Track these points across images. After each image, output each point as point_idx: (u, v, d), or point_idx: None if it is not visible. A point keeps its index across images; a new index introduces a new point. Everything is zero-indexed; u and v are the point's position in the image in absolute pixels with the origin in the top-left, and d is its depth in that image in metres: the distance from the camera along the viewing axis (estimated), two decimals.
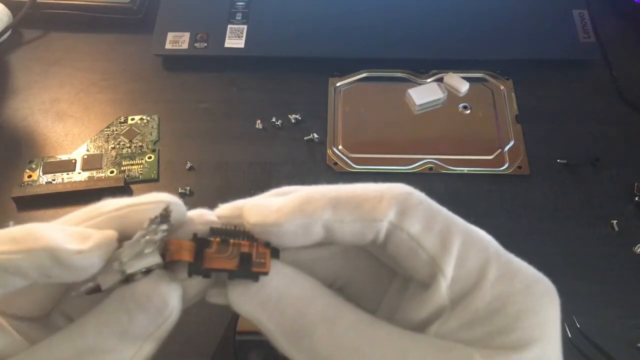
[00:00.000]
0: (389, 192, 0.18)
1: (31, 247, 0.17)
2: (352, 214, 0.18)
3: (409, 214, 0.18)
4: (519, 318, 0.17)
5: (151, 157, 0.52)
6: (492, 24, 0.60)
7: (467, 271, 0.17)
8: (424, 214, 0.18)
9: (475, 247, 0.18)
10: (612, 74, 0.58)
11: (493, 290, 0.17)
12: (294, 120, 0.55)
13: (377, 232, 0.18)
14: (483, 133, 0.54)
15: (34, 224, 0.18)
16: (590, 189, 0.50)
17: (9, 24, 0.60)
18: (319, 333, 0.17)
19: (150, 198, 0.19)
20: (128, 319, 0.18)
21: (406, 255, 0.18)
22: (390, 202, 0.18)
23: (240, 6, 0.61)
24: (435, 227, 0.18)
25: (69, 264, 0.17)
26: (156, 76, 0.59)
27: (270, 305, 0.18)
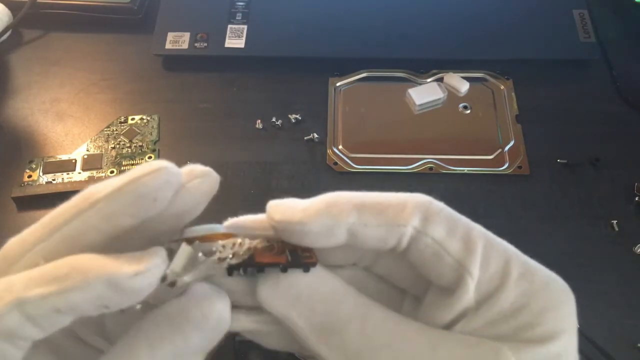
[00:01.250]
0: (411, 199, 0.19)
1: (82, 280, 0.16)
2: (376, 219, 0.18)
3: (432, 219, 0.18)
4: (542, 314, 0.18)
5: (151, 157, 0.52)
6: (492, 24, 0.60)
7: (491, 273, 0.18)
8: (446, 220, 0.18)
9: (496, 250, 0.18)
10: (612, 74, 0.58)
11: (517, 288, 0.18)
12: (294, 120, 0.55)
13: (400, 238, 0.18)
14: (483, 133, 0.54)
15: (69, 258, 0.17)
16: (590, 189, 0.50)
17: (9, 24, 0.60)
18: (350, 329, 0.17)
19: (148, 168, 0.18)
20: (183, 340, 0.17)
21: (430, 260, 0.18)
22: (414, 209, 0.18)
23: (240, 6, 0.61)
24: (458, 232, 0.18)
25: (128, 289, 0.16)
26: (156, 76, 0.59)
27: (301, 302, 0.18)
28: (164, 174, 0.17)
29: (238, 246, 0.18)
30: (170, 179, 0.18)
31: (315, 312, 0.18)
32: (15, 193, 0.49)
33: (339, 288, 0.19)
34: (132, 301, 0.17)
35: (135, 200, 0.17)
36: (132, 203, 0.17)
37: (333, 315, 0.18)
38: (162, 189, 0.17)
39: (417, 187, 0.50)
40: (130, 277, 0.16)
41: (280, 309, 0.18)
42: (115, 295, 0.16)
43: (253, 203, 0.50)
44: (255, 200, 0.50)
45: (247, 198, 0.50)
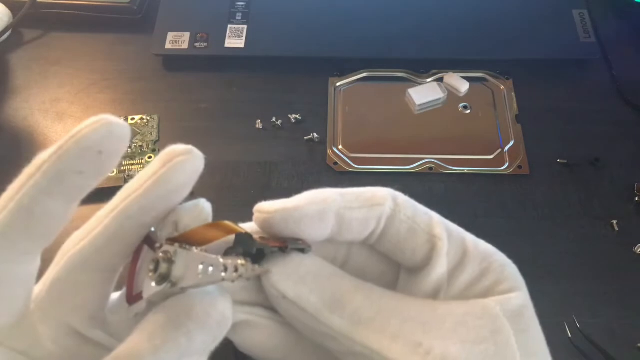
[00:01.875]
0: (379, 189, 0.21)
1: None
2: (358, 201, 0.21)
3: (401, 200, 0.21)
4: (503, 271, 0.21)
5: (151, 157, 0.52)
6: (492, 24, 0.60)
7: (455, 243, 0.21)
8: (409, 200, 0.22)
9: (452, 225, 0.22)
10: (612, 74, 0.58)
11: (479, 253, 0.21)
12: (294, 120, 0.55)
13: (379, 217, 0.21)
14: (483, 133, 0.54)
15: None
16: (590, 189, 0.50)
17: (9, 24, 0.60)
18: (359, 299, 0.19)
19: (87, 121, 0.18)
20: (187, 340, 0.18)
21: (406, 235, 0.21)
22: (385, 193, 0.21)
23: (240, 6, 0.61)
24: (421, 209, 0.22)
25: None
26: (156, 76, 0.59)
27: (310, 279, 0.19)
28: (104, 124, 0.17)
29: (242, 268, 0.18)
30: (114, 129, 0.18)
31: (325, 287, 0.19)
32: None
33: (337, 269, 0.21)
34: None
35: (79, 154, 0.17)
36: (76, 158, 0.17)
37: (341, 289, 0.19)
38: (105, 141, 0.17)
39: (417, 187, 0.50)
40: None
41: (293, 288, 0.19)
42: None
43: (253, 203, 0.50)
44: (255, 200, 0.50)
45: (247, 198, 0.50)
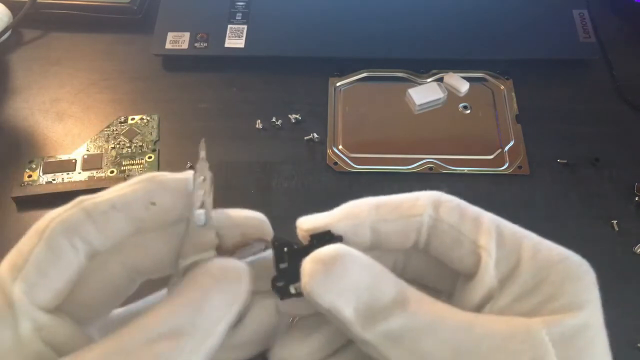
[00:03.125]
0: (422, 194, 0.20)
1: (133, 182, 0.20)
2: (393, 213, 0.20)
3: (444, 207, 0.20)
4: (562, 285, 0.18)
5: (151, 157, 0.52)
6: (492, 24, 0.60)
7: (507, 251, 0.19)
8: (457, 206, 0.20)
9: (508, 230, 0.20)
10: (612, 74, 0.58)
11: (535, 262, 0.19)
12: (294, 120, 0.55)
13: (419, 228, 0.20)
14: (483, 133, 0.54)
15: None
16: (590, 189, 0.50)
17: (9, 24, 0.60)
18: (395, 314, 0.18)
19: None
20: (203, 296, 0.18)
21: (450, 246, 0.20)
22: (426, 200, 0.20)
23: (240, 6, 0.61)
24: (469, 216, 0.20)
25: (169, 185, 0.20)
26: (156, 76, 0.58)
27: (348, 292, 0.18)
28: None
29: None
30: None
31: (361, 301, 0.18)
32: (15, 193, 0.49)
33: (379, 274, 0.19)
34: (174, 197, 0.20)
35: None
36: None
37: (378, 302, 0.18)
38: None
39: (417, 187, 0.50)
40: (170, 176, 0.20)
41: (328, 301, 0.18)
42: (159, 190, 0.20)
43: (253, 203, 0.50)
44: (255, 200, 0.50)
45: (247, 198, 0.50)
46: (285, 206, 0.49)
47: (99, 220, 0.19)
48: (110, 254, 0.20)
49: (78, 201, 0.20)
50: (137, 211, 0.20)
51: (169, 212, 0.20)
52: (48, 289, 0.18)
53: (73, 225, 0.19)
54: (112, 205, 0.19)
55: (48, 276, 0.18)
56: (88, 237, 0.19)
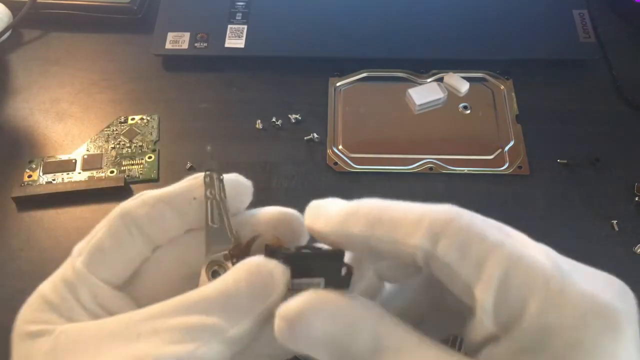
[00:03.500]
0: (429, 215, 0.18)
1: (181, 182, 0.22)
2: (388, 236, 0.18)
3: (444, 241, 0.17)
4: (565, 355, 0.16)
5: (151, 157, 0.52)
6: (492, 24, 0.60)
7: (510, 302, 0.16)
8: (460, 240, 0.17)
9: (520, 276, 0.16)
10: (612, 74, 0.58)
11: (538, 321, 0.16)
12: (294, 120, 0.55)
13: (412, 258, 0.18)
14: (483, 133, 0.54)
15: None
16: (590, 189, 0.50)
17: (9, 24, 0.60)
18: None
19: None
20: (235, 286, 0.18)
21: (447, 281, 0.18)
22: (426, 228, 0.17)
23: (240, 6, 0.61)
24: (472, 255, 0.17)
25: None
26: (156, 76, 0.58)
27: (316, 344, 0.18)
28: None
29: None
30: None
31: (333, 351, 0.18)
32: (15, 193, 0.49)
33: (353, 322, 0.18)
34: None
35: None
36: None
37: (351, 352, 0.17)
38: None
39: (417, 187, 0.50)
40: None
41: (302, 351, 0.18)
42: (201, 188, 0.21)
43: (253, 203, 0.50)
44: (255, 200, 0.50)
45: None
46: (285, 206, 0.49)
47: (150, 211, 0.21)
48: (167, 249, 0.22)
49: (140, 194, 0.21)
50: (182, 205, 0.21)
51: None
52: (106, 266, 0.20)
53: (129, 212, 0.21)
54: (160, 198, 0.21)
55: (106, 255, 0.21)
56: (142, 225, 0.21)
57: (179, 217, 0.21)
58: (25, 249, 0.48)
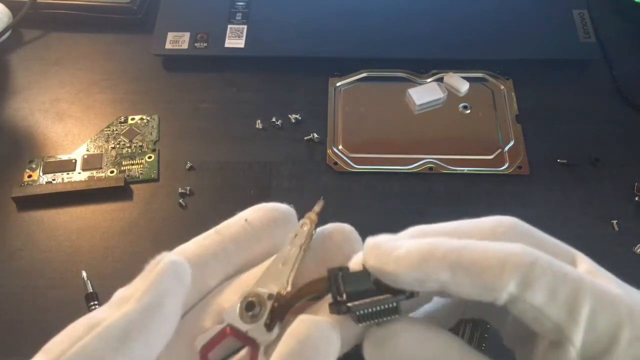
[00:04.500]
0: (511, 260, 0.17)
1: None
2: (471, 281, 0.18)
3: (532, 285, 0.17)
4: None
5: (151, 157, 0.52)
6: (492, 24, 0.60)
7: (597, 336, 0.17)
8: (547, 284, 0.17)
9: (606, 311, 0.17)
10: (612, 74, 0.58)
11: (626, 354, 0.17)
12: (294, 120, 0.55)
13: (495, 300, 0.18)
14: (483, 133, 0.54)
15: None
16: (590, 189, 0.50)
17: (9, 24, 0.60)
18: None
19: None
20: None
21: (530, 322, 0.18)
22: (511, 274, 0.17)
23: (240, 6, 0.61)
24: (560, 296, 0.17)
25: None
26: (156, 76, 0.58)
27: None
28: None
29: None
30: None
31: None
32: (15, 193, 0.49)
33: (442, 348, 0.18)
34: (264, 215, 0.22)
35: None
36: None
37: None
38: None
39: (417, 187, 0.50)
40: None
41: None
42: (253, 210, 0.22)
43: (253, 203, 0.50)
44: (255, 201, 0.50)
45: (247, 198, 0.50)
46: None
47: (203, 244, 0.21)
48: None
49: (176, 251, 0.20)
50: (234, 230, 0.21)
51: (258, 231, 0.21)
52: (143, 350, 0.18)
53: (181, 252, 0.20)
54: (214, 231, 0.21)
55: (137, 341, 0.18)
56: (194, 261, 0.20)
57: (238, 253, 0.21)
58: (25, 249, 0.48)
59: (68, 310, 0.44)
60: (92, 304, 0.44)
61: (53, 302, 0.45)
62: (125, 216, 0.49)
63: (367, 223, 0.24)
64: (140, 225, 0.49)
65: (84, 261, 0.47)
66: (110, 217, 0.49)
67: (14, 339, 0.43)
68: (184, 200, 0.50)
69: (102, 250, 0.47)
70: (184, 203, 0.49)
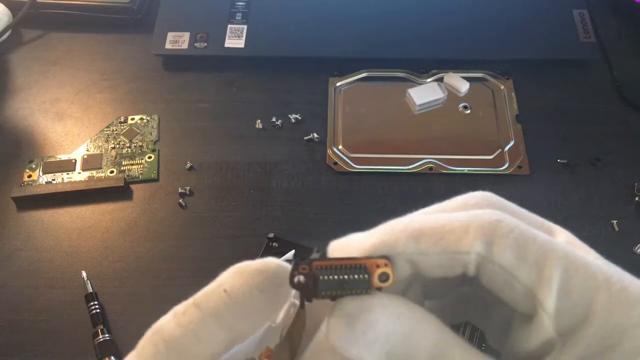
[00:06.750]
0: (475, 221, 0.17)
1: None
2: (436, 247, 0.17)
3: (499, 244, 0.16)
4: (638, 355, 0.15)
5: (151, 157, 0.52)
6: (492, 24, 0.60)
7: (573, 303, 0.16)
8: (515, 242, 0.16)
9: (580, 276, 0.16)
10: (612, 74, 0.58)
11: (606, 323, 0.15)
12: (294, 120, 0.55)
13: (465, 265, 0.17)
14: (483, 133, 0.54)
15: None
16: (590, 189, 0.50)
17: (9, 24, 0.60)
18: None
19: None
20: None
21: (502, 288, 0.17)
22: (477, 233, 0.16)
23: (240, 6, 0.61)
24: (529, 256, 0.16)
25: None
26: (156, 76, 0.59)
27: (376, 347, 0.16)
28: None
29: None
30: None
31: (391, 356, 0.16)
32: (15, 193, 0.49)
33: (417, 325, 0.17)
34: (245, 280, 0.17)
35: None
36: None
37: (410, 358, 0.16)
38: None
39: (417, 187, 0.50)
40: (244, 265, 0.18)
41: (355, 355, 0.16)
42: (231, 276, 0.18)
43: (253, 203, 0.50)
44: (255, 200, 0.50)
45: (247, 198, 0.50)
46: (285, 206, 0.49)
47: (182, 321, 0.17)
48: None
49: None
50: (213, 302, 0.17)
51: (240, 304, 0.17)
52: None
53: (159, 330, 0.17)
54: (193, 302, 0.17)
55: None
56: (174, 341, 0.17)
57: (220, 329, 0.17)
58: (25, 249, 0.48)
59: (68, 310, 0.44)
60: (92, 304, 0.44)
61: (53, 302, 0.45)
62: (125, 216, 0.49)
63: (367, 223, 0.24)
64: (140, 225, 0.49)
65: (84, 261, 0.47)
66: (110, 217, 0.49)
67: (14, 339, 0.43)
68: (184, 200, 0.50)
69: (102, 250, 0.47)
70: (184, 203, 0.49)
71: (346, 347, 0.16)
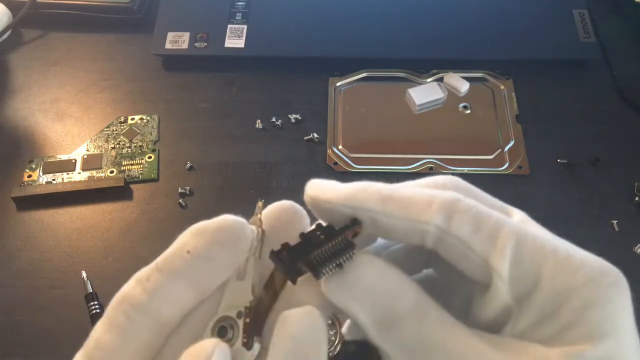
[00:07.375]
0: (439, 197, 0.19)
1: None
2: (400, 212, 0.18)
3: (457, 219, 0.18)
4: (583, 312, 0.17)
5: (151, 157, 0.52)
6: (492, 24, 0.60)
7: (525, 270, 0.17)
8: (472, 218, 0.18)
9: (530, 246, 0.18)
10: (612, 74, 0.58)
11: (554, 286, 0.17)
12: (294, 120, 0.55)
13: (423, 235, 0.18)
14: (483, 133, 0.54)
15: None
16: (590, 189, 0.50)
17: (9, 24, 0.60)
18: (408, 326, 0.17)
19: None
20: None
21: (459, 259, 0.18)
22: (439, 207, 0.18)
23: (240, 6, 0.61)
24: (484, 229, 0.18)
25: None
26: (156, 76, 0.58)
27: (363, 297, 0.18)
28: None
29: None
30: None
31: (376, 307, 0.18)
32: (15, 193, 0.49)
33: (399, 283, 0.18)
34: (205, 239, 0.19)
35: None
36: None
37: (393, 310, 0.18)
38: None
39: None
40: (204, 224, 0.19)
41: (343, 303, 0.18)
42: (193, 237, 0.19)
43: (253, 203, 0.50)
44: (255, 200, 0.50)
45: (247, 198, 0.50)
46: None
47: (148, 287, 0.18)
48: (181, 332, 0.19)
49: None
50: (177, 265, 0.18)
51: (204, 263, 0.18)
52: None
53: (125, 298, 0.18)
54: (156, 267, 0.18)
55: (108, 353, 0.18)
56: (142, 308, 0.18)
57: (187, 289, 0.18)
58: (25, 249, 0.48)
59: (68, 310, 0.44)
60: (92, 304, 0.44)
61: (53, 302, 0.45)
62: (125, 216, 0.49)
63: None
64: (140, 225, 0.49)
65: (84, 261, 0.47)
66: (110, 217, 0.49)
67: (14, 339, 0.43)
68: (184, 200, 0.50)
69: (102, 250, 0.47)
70: (184, 203, 0.49)
71: (336, 295, 0.18)
